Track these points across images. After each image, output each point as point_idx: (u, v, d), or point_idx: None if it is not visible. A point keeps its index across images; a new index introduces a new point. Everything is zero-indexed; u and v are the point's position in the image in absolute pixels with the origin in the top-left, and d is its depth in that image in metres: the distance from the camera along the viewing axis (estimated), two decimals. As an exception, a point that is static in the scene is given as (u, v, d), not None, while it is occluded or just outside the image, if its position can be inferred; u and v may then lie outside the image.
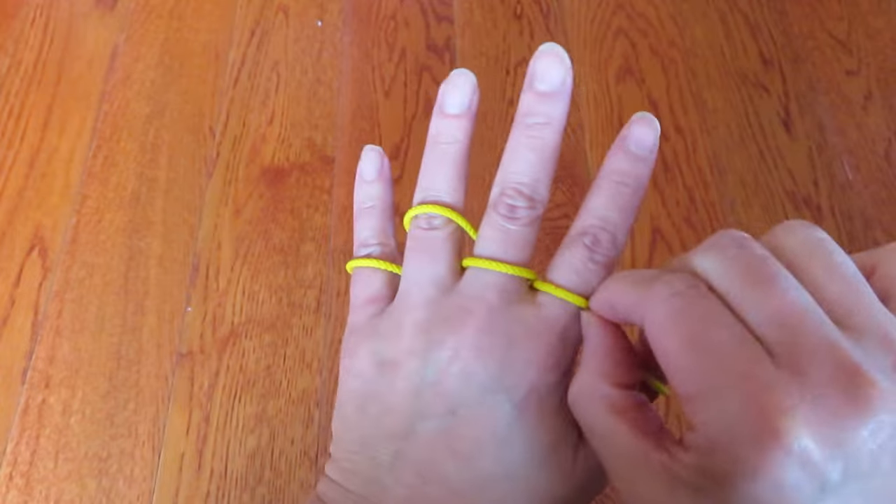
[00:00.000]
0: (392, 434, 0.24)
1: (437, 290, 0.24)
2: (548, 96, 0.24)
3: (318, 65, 0.83)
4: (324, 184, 0.75)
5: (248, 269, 0.71)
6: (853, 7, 0.85)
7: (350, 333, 0.26)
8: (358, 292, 0.27)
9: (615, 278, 0.22)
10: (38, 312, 0.69)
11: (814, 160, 0.75)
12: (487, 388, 0.23)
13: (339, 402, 0.26)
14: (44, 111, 0.81)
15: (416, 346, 0.24)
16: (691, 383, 0.18)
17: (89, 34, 0.86)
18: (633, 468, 0.19)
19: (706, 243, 0.21)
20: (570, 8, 0.86)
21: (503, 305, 0.24)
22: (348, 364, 0.26)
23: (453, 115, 0.26)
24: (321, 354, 0.66)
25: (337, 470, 0.26)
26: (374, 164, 0.29)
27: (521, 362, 0.23)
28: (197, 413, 0.64)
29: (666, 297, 0.19)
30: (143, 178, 0.76)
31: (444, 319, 0.24)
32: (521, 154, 0.24)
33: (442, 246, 0.25)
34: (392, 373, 0.24)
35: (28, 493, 0.61)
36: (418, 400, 0.24)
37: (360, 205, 0.28)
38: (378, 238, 0.28)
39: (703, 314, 0.19)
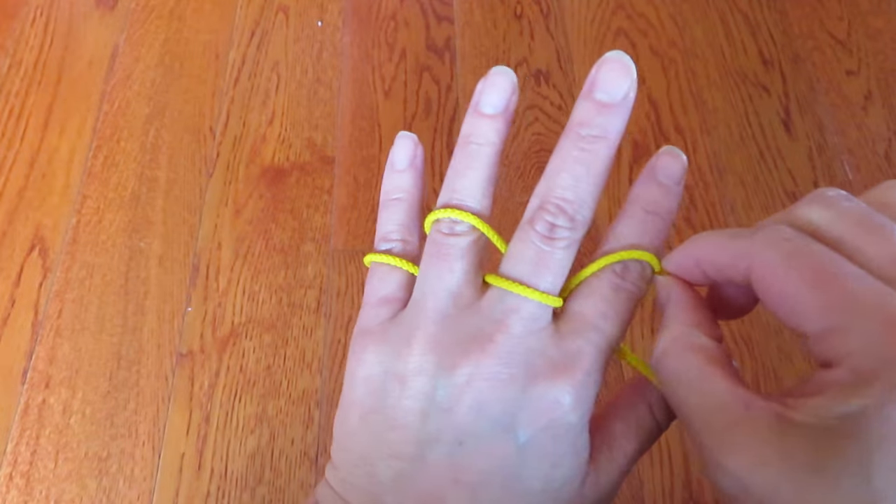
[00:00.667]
0: (395, 453, 0.23)
1: (453, 303, 0.23)
2: (608, 108, 0.22)
3: (318, 65, 0.83)
4: (324, 184, 0.75)
5: (249, 269, 0.71)
6: (853, 7, 0.85)
7: (359, 333, 0.25)
8: (372, 290, 0.26)
9: (700, 237, 0.21)
10: (38, 312, 0.69)
11: (814, 160, 0.75)
12: (500, 423, 0.22)
13: (343, 406, 0.25)
14: (44, 111, 0.81)
15: (426, 365, 0.22)
16: (825, 319, 0.17)
17: (89, 34, 0.86)
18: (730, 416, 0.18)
19: (808, 199, 0.20)
20: (570, 8, 0.86)
21: (526, 334, 0.22)
22: (355, 368, 0.24)
23: (489, 116, 0.24)
24: (321, 354, 0.66)
25: (336, 479, 0.25)
26: (406, 152, 0.26)
27: (541, 400, 0.22)
28: (197, 413, 0.64)
29: (776, 242, 0.19)
30: (143, 178, 0.76)
31: (459, 341, 0.22)
32: (570, 167, 0.22)
33: (463, 255, 0.23)
34: (399, 388, 0.23)
35: (28, 493, 0.61)
36: (426, 423, 0.22)
37: (387, 195, 0.26)
38: (401, 233, 0.26)
39: (821, 254, 0.18)
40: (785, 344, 0.65)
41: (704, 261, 0.21)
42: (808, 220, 0.19)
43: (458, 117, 0.79)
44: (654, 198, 0.24)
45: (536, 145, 0.76)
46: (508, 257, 0.23)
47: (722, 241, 0.20)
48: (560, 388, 0.22)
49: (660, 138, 0.77)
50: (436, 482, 0.22)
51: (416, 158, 0.26)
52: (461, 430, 0.22)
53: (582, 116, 0.22)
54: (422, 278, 0.24)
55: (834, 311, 0.17)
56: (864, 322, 0.17)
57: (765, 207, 0.73)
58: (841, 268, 0.18)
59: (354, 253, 0.71)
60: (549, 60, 0.82)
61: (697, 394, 0.19)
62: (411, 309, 0.24)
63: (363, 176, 0.76)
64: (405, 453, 0.23)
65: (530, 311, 0.22)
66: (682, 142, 0.77)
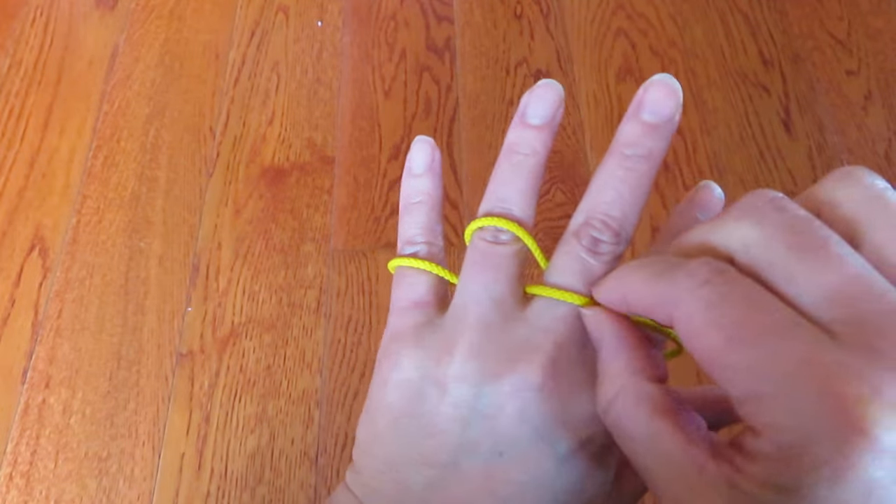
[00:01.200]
0: (429, 461, 0.22)
1: (497, 312, 0.22)
2: (654, 129, 0.22)
3: (318, 65, 0.83)
4: (324, 184, 0.75)
5: (248, 269, 0.71)
6: (853, 7, 0.85)
7: (392, 339, 0.24)
8: (401, 294, 0.25)
9: (628, 269, 0.20)
10: (38, 312, 0.69)
11: (814, 160, 0.75)
12: (542, 435, 0.21)
13: (371, 411, 0.24)
14: (44, 111, 0.81)
15: (468, 373, 0.22)
16: (746, 383, 0.16)
17: (89, 34, 0.86)
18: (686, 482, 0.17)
19: (737, 208, 0.18)
20: (570, 8, 0.86)
21: (572, 345, 0.22)
22: (388, 373, 0.24)
23: (535, 126, 0.24)
24: (321, 354, 0.66)
25: (358, 484, 0.24)
26: (424, 156, 0.26)
27: (584, 412, 0.21)
28: (197, 413, 0.64)
29: (694, 289, 0.17)
30: (143, 178, 0.76)
31: (504, 350, 0.22)
32: (615, 185, 0.22)
33: (508, 263, 0.23)
34: (438, 394, 0.22)
35: (28, 493, 0.61)
36: (466, 430, 0.22)
37: (408, 199, 0.26)
38: (425, 236, 0.26)
39: (744, 301, 0.16)
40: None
41: (631, 300, 0.20)
42: (736, 239, 0.18)
43: (458, 117, 0.79)
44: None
45: (536, 145, 0.76)
46: (553, 268, 0.23)
47: (644, 282, 0.19)
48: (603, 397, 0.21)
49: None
50: (469, 492, 0.22)
51: (434, 162, 0.26)
52: (502, 440, 0.22)
53: (628, 136, 0.22)
54: (463, 285, 0.23)
55: (755, 376, 0.16)
56: (786, 389, 0.15)
57: (765, 207, 0.73)
58: (763, 319, 0.16)
59: (354, 253, 0.71)
60: (549, 60, 0.82)
61: (651, 455, 0.19)
62: (452, 315, 0.23)
63: (363, 176, 0.76)
64: (439, 461, 0.22)
65: (576, 323, 0.22)
66: (682, 142, 0.77)
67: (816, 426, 0.15)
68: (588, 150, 0.76)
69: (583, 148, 0.76)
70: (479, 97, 0.80)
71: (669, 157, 0.76)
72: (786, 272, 0.16)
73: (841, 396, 0.14)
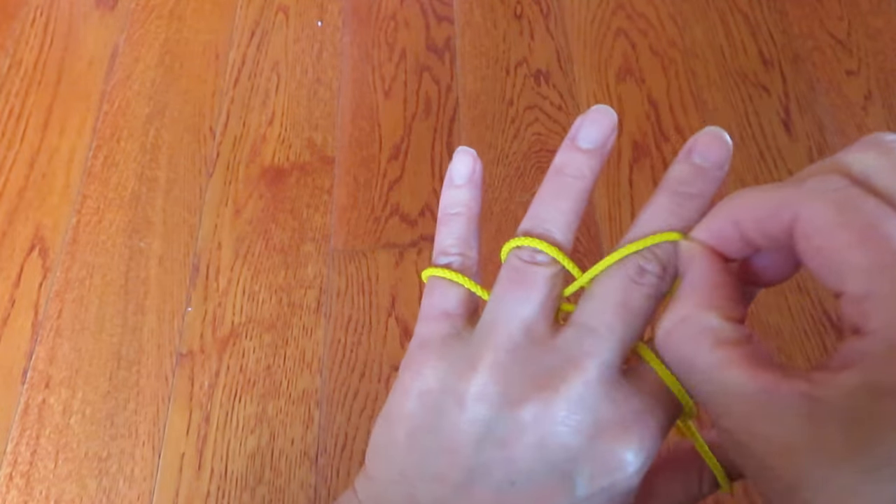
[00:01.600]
0: (442, 478, 0.22)
1: (525, 334, 0.22)
2: (705, 172, 0.22)
3: (318, 65, 0.83)
4: (324, 184, 0.75)
5: (248, 269, 0.71)
6: (853, 7, 0.85)
7: (418, 347, 0.24)
8: (432, 304, 0.24)
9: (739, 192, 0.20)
10: (38, 312, 0.69)
11: (814, 160, 0.75)
12: (559, 469, 0.21)
13: (390, 419, 0.24)
14: (44, 111, 0.81)
15: (489, 393, 0.21)
16: (864, 281, 0.16)
17: (89, 34, 0.86)
18: (755, 406, 0.17)
19: (859, 144, 0.18)
20: (570, 8, 0.86)
21: (600, 381, 0.21)
22: (409, 381, 0.23)
23: (585, 150, 0.23)
24: (321, 354, 0.66)
25: (368, 493, 0.24)
26: (466, 166, 0.25)
27: (607, 456, 0.21)
28: (197, 413, 0.64)
29: (825, 193, 0.17)
30: (143, 178, 0.76)
31: (528, 375, 0.21)
32: (664, 217, 0.22)
33: (542, 284, 0.22)
34: (457, 410, 0.22)
35: (28, 493, 0.61)
36: (479, 452, 0.21)
37: (446, 210, 0.26)
38: (460, 248, 0.25)
39: (874, 209, 0.17)
40: (785, 345, 0.65)
41: (743, 217, 0.19)
42: (861, 167, 0.18)
43: (458, 117, 0.79)
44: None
45: (537, 145, 0.76)
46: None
47: (764, 193, 0.19)
48: (629, 448, 0.21)
49: (660, 138, 0.77)
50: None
51: (475, 173, 0.26)
52: (515, 469, 0.21)
53: (681, 174, 0.22)
54: (495, 302, 0.23)
55: (879, 274, 0.16)
56: None
57: (765, 207, 0.73)
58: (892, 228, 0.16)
59: (354, 253, 0.71)
60: (549, 60, 0.82)
61: (710, 382, 0.18)
62: (480, 331, 0.23)
63: (363, 176, 0.76)
64: (451, 479, 0.22)
65: (607, 358, 0.21)
66: (682, 142, 0.76)
67: None
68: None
69: (583, 148, 0.76)
70: (479, 97, 0.80)
71: (669, 157, 0.76)
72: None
73: None
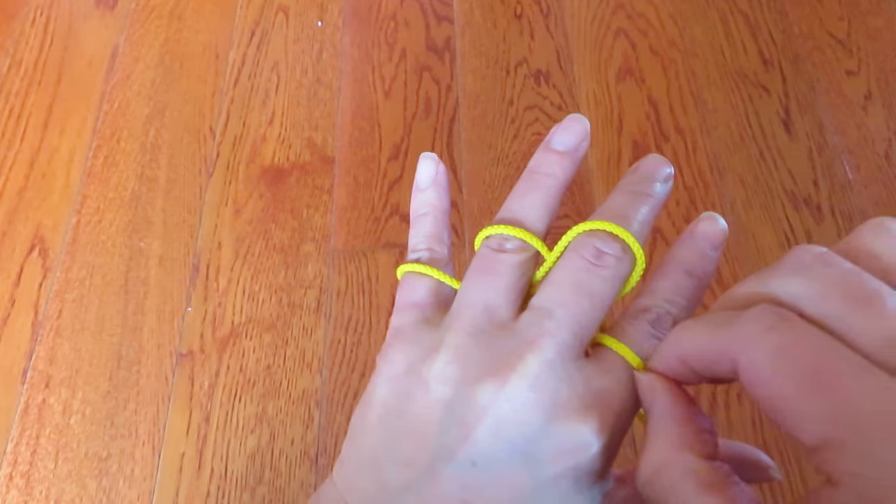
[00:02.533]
0: (409, 461, 0.22)
1: (488, 318, 0.22)
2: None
3: (318, 65, 0.83)
4: (324, 184, 0.75)
5: (248, 269, 0.71)
6: (853, 7, 0.85)
7: (392, 335, 0.25)
8: (402, 295, 0.26)
9: (683, 327, 0.20)
10: (38, 312, 0.69)
11: (814, 160, 0.75)
12: (519, 451, 0.21)
13: (364, 403, 0.24)
14: (44, 111, 0.81)
15: (449, 374, 0.22)
16: (821, 430, 0.15)
17: (89, 34, 0.86)
18: None
19: (783, 265, 0.18)
20: (570, 8, 0.86)
21: (557, 361, 0.21)
22: (381, 366, 0.24)
23: (557, 151, 0.25)
24: (321, 354, 0.66)
25: (342, 477, 0.24)
26: (428, 171, 0.27)
27: (568, 437, 0.21)
28: (197, 413, 0.64)
29: (760, 335, 0.17)
30: (143, 178, 0.76)
31: (488, 358, 0.22)
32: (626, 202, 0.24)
33: (506, 271, 0.23)
34: (421, 392, 0.22)
35: (28, 493, 0.61)
36: (441, 434, 0.22)
37: (415, 213, 0.27)
38: (428, 243, 0.26)
39: (813, 347, 0.16)
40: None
41: (689, 358, 0.20)
42: (788, 295, 0.18)
43: (458, 117, 0.79)
44: (694, 261, 0.23)
45: (537, 145, 0.76)
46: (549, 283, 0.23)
47: (705, 335, 0.19)
48: (590, 428, 0.21)
49: (660, 138, 0.77)
50: (442, 498, 0.21)
51: (439, 174, 0.27)
52: (476, 451, 0.21)
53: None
54: (462, 290, 0.24)
55: (833, 422, 0.15)
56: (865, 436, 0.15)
57: (764, 207, 0.73)
58: (837, 364, 0.16)
59: (354, 253, 0.71)
60: (549, 60, 0.82)
61: None
62: (448, 317, 0.23)
63: (363, 176, 0.76)
64: (417, 462, 0.22)
65: (565, 339, 0.21)
66: (681, 142, 0.77)
67: None
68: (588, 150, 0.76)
69: (583, 148, 0.76)
70: (479, 97, 0.80)
71: (669, 157, 0.76)
72: (843, 323, 0.16)
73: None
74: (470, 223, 0.70)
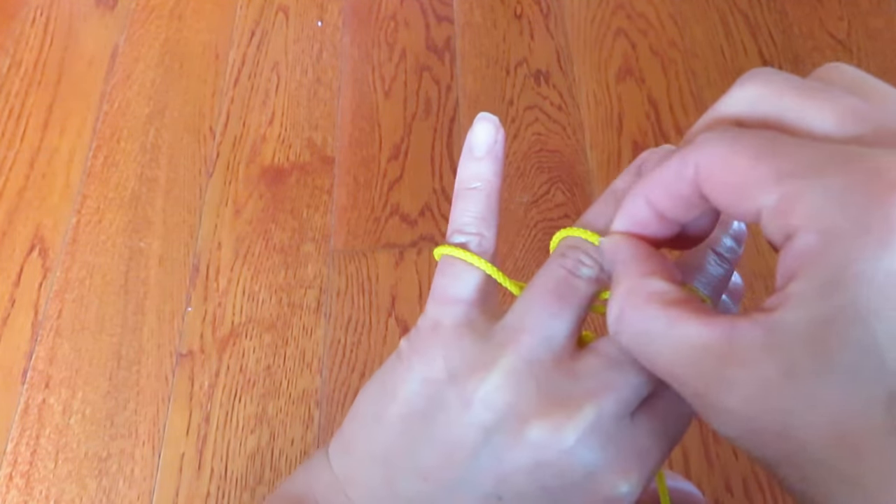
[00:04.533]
0: (427, 475, 0.21)
1: (548, 349, 0.21)
2: None
3: (318, 65, 0.83)
4: (324, 184, 0.75)
5: (248, 269, 0.71)
6: (853, 7, 0.85)
7: (431, 329, 0.22)
8: (445, 285, 0.23)
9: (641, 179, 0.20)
10: (38, 312, 0.69)
11: (814, 160, 0.75)
12: (550, 496, 0.20)
13: (385, 390, 0.23)
14: (44, 111, 0.81)
15: (498, 400, 0.20)
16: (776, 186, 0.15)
17: (89, 34, 0.86)
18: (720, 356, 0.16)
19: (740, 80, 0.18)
20: (570, 8, 0.86)
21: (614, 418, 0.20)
22: (414, 361, 0.22)
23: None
24: (321, 354, 0.66)
25: (344, 466, 0.23)
26: (487, 137, 0.23)
27: (604, 484, 0.20)
28: (197, 413, 0.64)
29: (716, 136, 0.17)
30: (143, 178, 0.76)
31: (544, 393, 0.20)
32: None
33: (578, 303, 0.21)
34: (460, 407, 0.21)
35: (28, 493, 0.61)
36: (472, 459, 0.20)
37: (463, 183, 0.24)
38: (478, 227, 0.23)
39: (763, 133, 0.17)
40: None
41: (652, 191, 0.19)
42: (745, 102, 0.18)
43: (458, 117, 0.79)
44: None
45: (537, 145, 0.76)
46: None
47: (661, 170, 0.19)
48: (627, 483, 0.20)
49: (660, 138, 0.77)
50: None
51: (497, 144, 0.24)
52: (505, 486, 0.20)
53: None
54: (525, 307, 0.21)
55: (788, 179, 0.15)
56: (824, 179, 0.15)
57: (765, 207, 0.73)
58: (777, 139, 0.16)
59: (354, 253, 0.71)
60: (549, 60, 0.82)
61: (670, 345, 0.17)
62: (502, 331, 0.21)
63: (363, 176, 0.76)
64: (438, 479, 0.21)
65: (627, 396, 0.20)
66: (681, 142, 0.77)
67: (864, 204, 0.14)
68: (588, 149, 0.76)
69: (582, 147, 0.76)
70: (479, 97, 0.80)
71: (669, 157, 0.76)
72: (798, 113, 0.17)
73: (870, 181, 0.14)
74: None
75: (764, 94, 0.18)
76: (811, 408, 0.15)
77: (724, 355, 0.16)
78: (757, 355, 0.15)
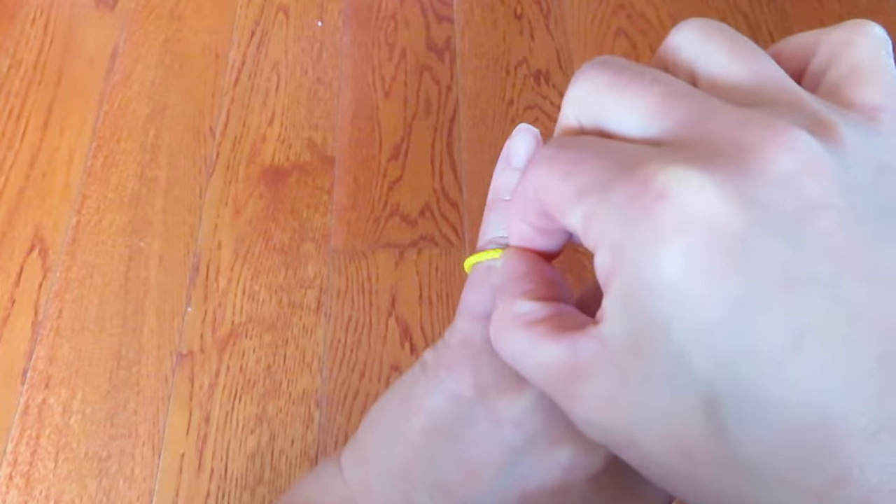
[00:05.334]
0: (448, 492, 0.21)
1: None
2: None
3: (318, 65, 0.83)
4: (324, 184, 0.75)
5: (248, 269, 0.71)
6: (853, 7, 0.85)
7: (460, 345, 0.21)
8: (476, 301, 0.22)
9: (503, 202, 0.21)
10: (38, 312, 0.69)
11: (814, 160, 0.75)
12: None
13: (408, 403, 0.22)
14: (44, 111, 0.81)
15: (528, 423, 0.20)
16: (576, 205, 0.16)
17: (89, 34, 0.86)
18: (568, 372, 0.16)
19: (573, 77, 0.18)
20: (570, 8, 0.86)
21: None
22: (444, 376, 0.21)
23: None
24: (321, 354, 0.66)
25: (359, 478, 0.22)
26: (525, 148, 0.23)
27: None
28: (197, 413, 0.64)
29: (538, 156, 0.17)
30: (143, 178, 0.76)
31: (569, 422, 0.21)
32: None
33: None
34: (488, 427, 0.20)
35: (28, 493, 0.61)
36: (497, 479, 0.20)
37: (499, 193, 0.23)
38: None
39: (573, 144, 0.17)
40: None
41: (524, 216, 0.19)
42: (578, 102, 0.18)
43: (458, 117, 0.79)
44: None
45: (536, 145, 0.76)
46: None
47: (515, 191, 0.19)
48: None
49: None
50: None
51: None
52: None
53: None
54: None
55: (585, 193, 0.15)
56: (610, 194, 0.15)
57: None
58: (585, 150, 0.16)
59: (354, 253, 0.71)
60: (549, 60, 0.82)
61: (533, 364, 0.17)
62: None
63: (363, 176, 0.76)
64: (458, 496, 0.20)
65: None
66: (682, 142, 0.77)
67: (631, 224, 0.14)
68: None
69: (583, 148, 0.76)
70: (479, 97, 0.80)
71: (669, 157, 0.76)
72: (613, 114, 0.17)
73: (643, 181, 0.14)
74: (470, 223, 0.70)
75: (588, 93, 0.17)
76: (647, 418, 0.15)
77: (572, 370, 0.16)
78: (596, 368, 0.15)
